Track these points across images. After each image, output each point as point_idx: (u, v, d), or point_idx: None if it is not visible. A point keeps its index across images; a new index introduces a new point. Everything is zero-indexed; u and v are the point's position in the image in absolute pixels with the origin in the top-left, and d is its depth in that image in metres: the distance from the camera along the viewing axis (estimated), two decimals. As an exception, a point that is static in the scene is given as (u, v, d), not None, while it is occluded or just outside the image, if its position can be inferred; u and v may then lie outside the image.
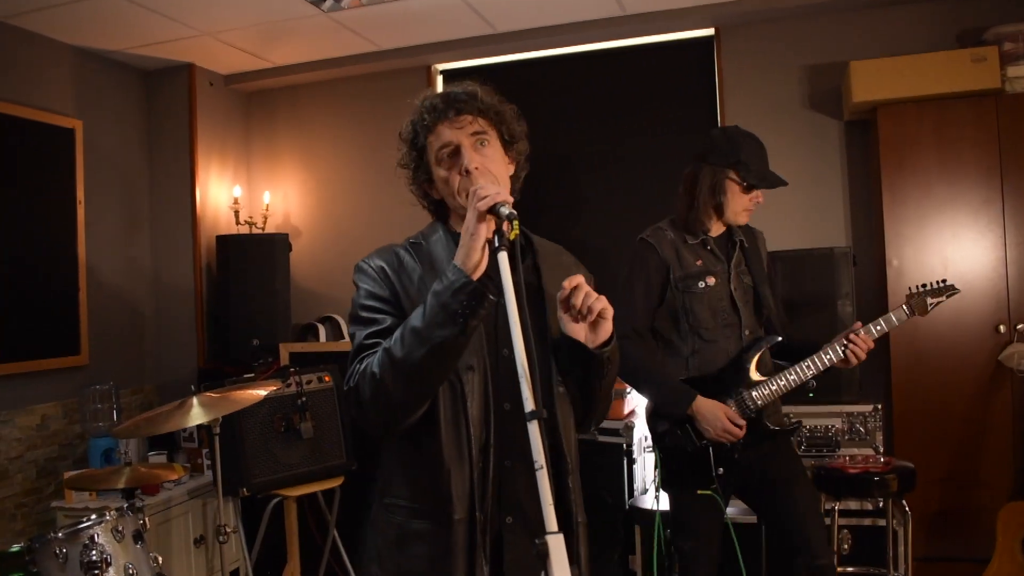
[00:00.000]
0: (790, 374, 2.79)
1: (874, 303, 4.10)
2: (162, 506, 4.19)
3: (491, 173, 1.77)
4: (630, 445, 4.21)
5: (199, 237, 5.16)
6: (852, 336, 2.74)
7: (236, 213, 5.32)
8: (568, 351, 1.72)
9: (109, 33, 4.56)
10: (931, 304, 2.84)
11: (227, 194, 5.42)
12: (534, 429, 1.42)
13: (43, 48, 4.50)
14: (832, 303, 3.98)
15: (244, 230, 5.34)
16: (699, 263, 2.87)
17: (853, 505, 3.70)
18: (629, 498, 4.17)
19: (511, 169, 1.90)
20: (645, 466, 4.49)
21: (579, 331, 1.67)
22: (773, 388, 2.79)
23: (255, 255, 5.08)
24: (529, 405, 1.44)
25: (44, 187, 4.45)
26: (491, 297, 1.56)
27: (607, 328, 1.68)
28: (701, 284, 2.85)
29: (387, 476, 1.83)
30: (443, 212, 1.90)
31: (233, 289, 5.06)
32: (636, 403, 4.49)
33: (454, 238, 1.75)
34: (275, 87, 5.57)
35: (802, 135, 4.46)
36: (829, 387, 3.75)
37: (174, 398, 3.37)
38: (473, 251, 1.58)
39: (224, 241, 5.12)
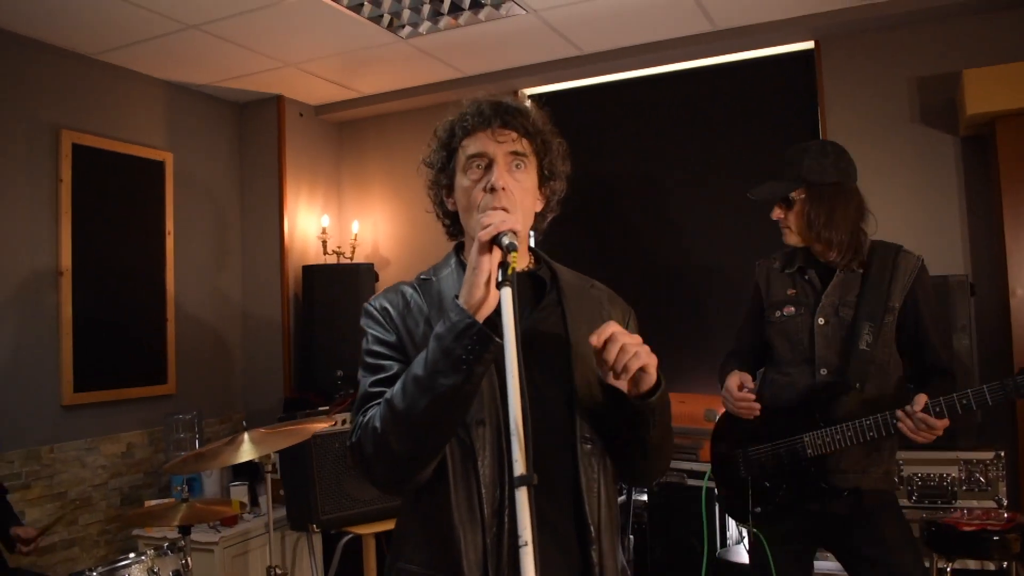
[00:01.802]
0: (848, 429, 2.46)
1: (996, 337, 3.68)
2: (240, 538, 4.15)
3: (515, 199, 1.58)
4: (722, 489, 3.91)
5: (287, 267, 5.19)
6: (900, 412, 2.35)
7: (324, 243, 5.32)
8: (610, 400, 1.54)
9: (198, 67, 4.66)
10: None
11: (316, 224, 5.43)
12: (522, 497, 1.22)
13: (136, 83, 4.63)
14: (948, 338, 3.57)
15: (332, 260, 5.34)
16: (790, 292, 2.68)
17: (972, 565, 3.27)
18: (721, 547, 3.87)
19: (539, 206, 1.72)
20: (741, 512, 4.17)
21: (619, 382, 1.48)
22: (827, 440, 2.50)
23: (341, 285, 5.06)
24: (519, 468, 1.25)
25: (135, 218, 4.57)
26: (498, 340, 1.37)
27: (649, 380, 1.48)
28: (778, 313, 2.70)
29: (400, 537, 1.66)
30: (456, 229, 1.74)
31: (319, 319, 5.05)
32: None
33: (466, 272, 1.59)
34: (364, 116, 5.58)
35: (913, 152, 4.08)
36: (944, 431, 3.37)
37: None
38: (475, 287, 1.40)
39: (310, 271, 5.13)
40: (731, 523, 3.99)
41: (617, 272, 4.88)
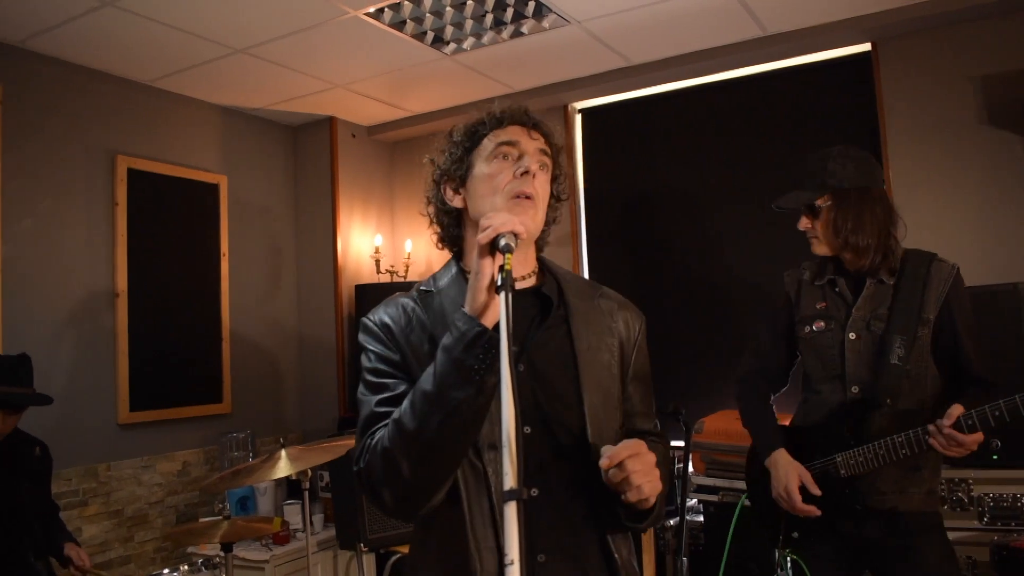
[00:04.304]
0: (880, 447, 2.32)
1: (1074, 349, 3.44)
2: (291, 556, 4.16)
3: (541, 194, 1.60)
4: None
5: (340, 286, 5.22)
6: (932, 427, 2.22)
7: (377, 262, 5.34)
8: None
9: (249, 91, 4.75)
10: None
11: (369, 243, 5.47)
12: (511, 513, 1.14)
13: (189, 108, 4.75)
14: (1017, 348, 3.35)
15: (385, 279, 5.36)
16: (821, 305, 2.56)
17: (1049, 593, 3.05)
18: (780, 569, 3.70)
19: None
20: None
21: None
22: (860, 459, 2.37)
23: (393, 303, 5.05)
24: (509, 482, 1.16)
25: (190, 241, 4.66)
26: (512, 348, 1.31)
27: (646, 504, 1.43)
28: (807, 328, 2.57)
29: (414, 563, 1.61)
30: (453, 232, 1.69)
31: (372, 337, 5.04)
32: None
33: (468, 280, 1.54)
34: (416, 136, 5.60)
35: (980, 154, 3.88)
36: (1015, 448, 3.16)
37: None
38: (479, 292, 1.35)
39: (363, 290, 5.15)
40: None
41: (669, 285, 4.77)
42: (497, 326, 1.33)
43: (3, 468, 3.12)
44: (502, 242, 1.35)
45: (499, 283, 1.31)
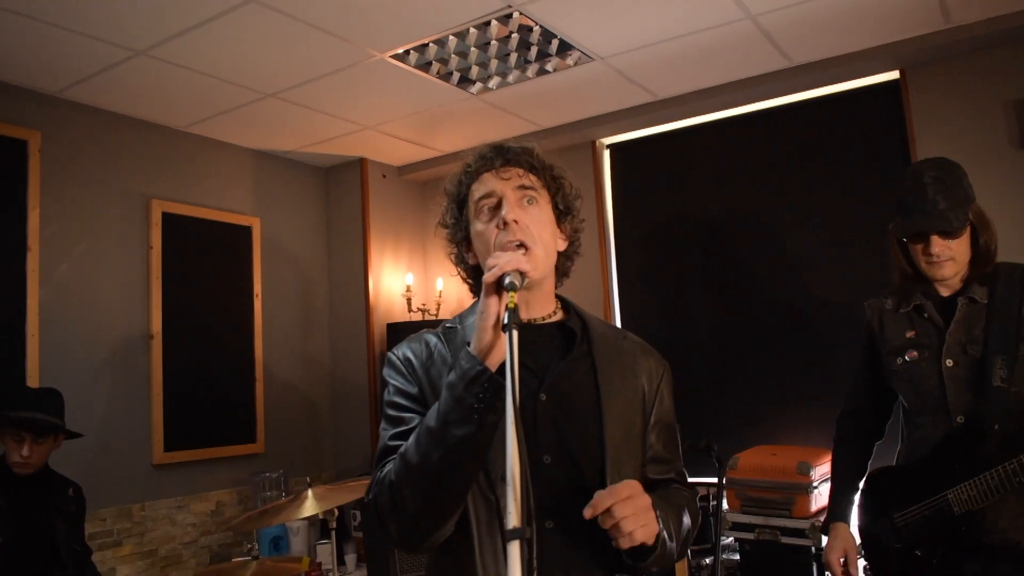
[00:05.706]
0: (992, 478, 2.14)
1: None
2: (323, 597, 4.15)
3: (532, 233, 1.53)
4: (819, 548, 3.65)
5: (372, 325, 5.25)
6: None
7: (408, 300, 5.37)
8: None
9: (280, 134, 4.84)
10: None
11: (401, 282, 5.50)
12: (514, 552, 1.12)
13: (222, 152, 4.86)
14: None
15: (417, 317, 5.37)
16: (910, 334, 2.41)
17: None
18: (824, 611, 3.59)
19: (562, 245, 1.66)
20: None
21: None
22: (973, 493, 2.18)
23: (424, 342, 5.06)
24: (512, 521, 1.15)
25: (223, 282, 4.74)
26: (534, 378, 1.34)
27: (646, 544, 1.40)
28: (899, 360, 2.42)
29: None
30: (481, 286, 1.68)
31: (402, 376, 5.06)
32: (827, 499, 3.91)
33: None
34: (446, 175, 5.48)
35: (1016, 180, 3.80)
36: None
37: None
38: (484, 332, 1.36)
39: (394, 328, 5.17)
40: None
41: (699, 319, 4.72)
42: (501, 366, 1.33)
43: (38, 508, 3.16)
44: (507, 280, 1.35)
45: (504, 322, 1.30)
